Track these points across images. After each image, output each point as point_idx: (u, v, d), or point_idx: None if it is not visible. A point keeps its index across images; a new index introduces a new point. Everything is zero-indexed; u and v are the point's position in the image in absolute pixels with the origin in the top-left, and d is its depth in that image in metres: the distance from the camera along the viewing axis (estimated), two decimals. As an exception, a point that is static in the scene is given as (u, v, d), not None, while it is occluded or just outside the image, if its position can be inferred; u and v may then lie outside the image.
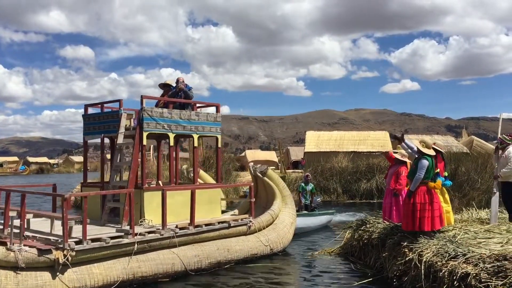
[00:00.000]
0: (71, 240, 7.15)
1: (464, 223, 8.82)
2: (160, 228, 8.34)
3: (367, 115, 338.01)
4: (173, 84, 10.69)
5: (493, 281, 5.92)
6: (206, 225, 9.08)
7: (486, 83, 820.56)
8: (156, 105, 10.11)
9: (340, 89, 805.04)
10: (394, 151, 10.05)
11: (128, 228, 7.89)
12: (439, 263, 6.64)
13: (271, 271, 8.97)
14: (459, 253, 6.64)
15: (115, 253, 7.62)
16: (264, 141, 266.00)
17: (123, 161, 9.52)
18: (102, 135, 9.89)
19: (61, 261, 6.89)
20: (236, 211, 11.05)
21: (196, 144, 9.93)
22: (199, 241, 8.91)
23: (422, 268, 6.79)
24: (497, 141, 9.09)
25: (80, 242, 7.21)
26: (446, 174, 9.13)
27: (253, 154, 46.84)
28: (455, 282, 6.20)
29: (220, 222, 9.37)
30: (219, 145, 10.55)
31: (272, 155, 47.79)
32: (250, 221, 9.81)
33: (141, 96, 9.05)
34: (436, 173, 7.96)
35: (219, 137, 10.41)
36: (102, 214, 9.01)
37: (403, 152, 9.60)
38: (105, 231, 7.98)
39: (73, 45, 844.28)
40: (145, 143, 9.01)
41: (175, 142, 11.74)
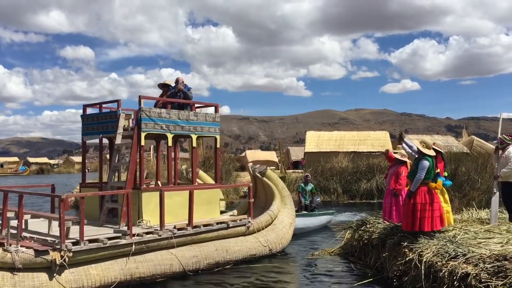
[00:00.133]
0: (68, 241, 7.14)
1: (464, 223, 8.82)
2: (158, 229, 8.31)
3: (367, 115, 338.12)
4: (172, 84, 10.65)
5: (493, 281, 5.90)
6: (205, 226, 9.05)
7: (486, 83, 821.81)
8: (155, 106, 10.08)
9: (340, 89, 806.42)
10: (394, 151, 10.03)
11: (126, 229, 7.86)
12: (439, 263, 6.63)
13: (271, 272, 8.94)
14: (459, 253, 6.63)
15: (113, 254, 7.59)
16: (264, 141, 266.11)
17: (121, 162, 9.48)
18: (101, 136, 9.87)
19: (58, 262, 6.86)
20: (235, 212, 11.01)
21: (195, 145, 9.89)
22: (198, 242, 8.88)
23: (422, 268, 6.78)
24: (497, 141, 9.08)
25: (77, 243, 7.19)
26: (446, 174, 9.14)
27: (253, 154, 46.84)
28: (455, 282, 6.18)
29: (219, 223, 9.34)
30: (218, 146, 10.52)
31: (272, 155, 47.79)
32: (249, 222, 9.78)
33: (139, 97, 9.02)
34: (437, 173, 7.94)
35: (218, 137, 10.38)
36: (100, 215, 8.98)
37: (403, 152, 9.59)
38: (103, 232, 7.95)
39: (73, 46, 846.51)
40: (143, 144, 8.97)
41: (174, 143, 11.74)
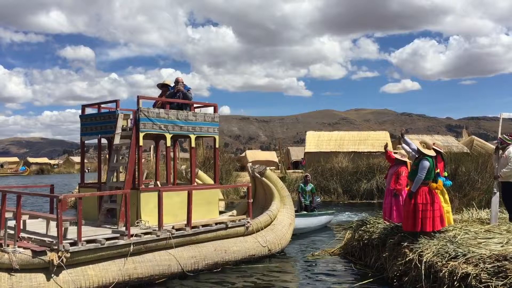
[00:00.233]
0: (66, 242, 7.09)
1: (465, 223, 8.81)
2: (157, 229, 8.28)
3: (368, 115, 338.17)
4: (172, 84, 10.60)
5: (493, 282, 5.87)
6: (203, 226, 9.01)
7: (487, 83, 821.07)
8: (154, 106, 10.04)
9: (341, 89, 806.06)
10: (394, 151, 10.01)
11: (124, 229, 7.83)
12: (440, 264, 6.61)
13: (271, 272, 8.91)
14: (460, 254, 6.62)
15: (111, 255, 7.56)
16: (265, 141, 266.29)
17: (120, 162, 9.45)
18: (99, 136, 9.83)
19: (56, 263, 6.82)
20: (235, 212, 10.96)
21: (194, 145, 9.84)
22: (196, 242, 8.84)
23: (423, 269, 6.77)
24: (498, 141, 9.06)
25: (75, 244, 7.15)
26: (446, 174, 9.13)
27: (254, 154, 46.81)
28: (456, 283, 6.17)
29: (218, 223, 9.30)
30: (217, 146, 10.47)
31: (273, 155, 47.78)
32: (248, 222, 9.74)
33: (137, 97, 8.97)
34: (437, 174, 7.91)
35: (217, 138, 10.33)
36: (99, 215, 8.94)
37: (403, 152, 9.57)
38: (101, 232, 7.92)
39: (73, 46, 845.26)
40: (142, 144, 8.92)
41: (173, 143, 11.71)
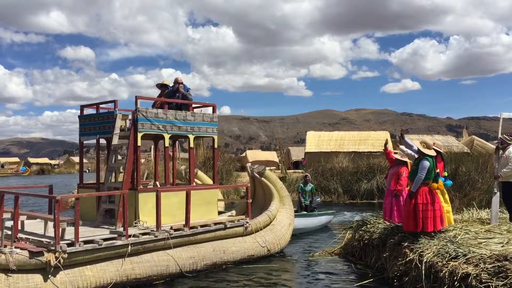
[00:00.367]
0: (63, 242, 7.06)
1: (465, 223, 8.79)
2: (155, 230, 8.24)
3: (368, 115, 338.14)
4: (171, 84, 10.54)
5: (494, 282, 5.84)
6: (202, 226, 8.98)
7: (487, 83, 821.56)
8: (153, 106, 10.00)
9: (341, 89, 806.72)
10: (394, 151, 9.97)
11: (122, 230, 7.79)
12: (440, 264, 6.59)
13: (271, 272, 8.88)
14: (460, 254, 6.60)
15: (108, 255, 7.52)
16: (265, 142, 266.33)
17: (119, 162, 9.40)
18: (98, 136, 9.79)
19: (53, 263, 6.79)
20: (234, 212, 10.92)
21: (192, 145, 9.80)
22: (195, 243, 8.81)
23: (423, 269, 6.75)
24: (498, 141, 9.03)
25: (73, 244, 7.12)
26: (446, 174, 9.11)
27: (254, 155, 46.81)
28: (456, 283, 6.14)
29: (216, 223, 9.26)
30: (216, 146, 10.43)
31: (273, 156, 47.78)
32: (247, 222, 9.70)
33: (136, 97, 8.93)
34: (437, 174, 7.88)
35: (216, 138, 10.28)
36: (97, 216, 8.90)
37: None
38: (99, 233, 7.89)
39: (74, 46, 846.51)
40: (140, 144, 8.87)
41: (172, 143, 11.66)
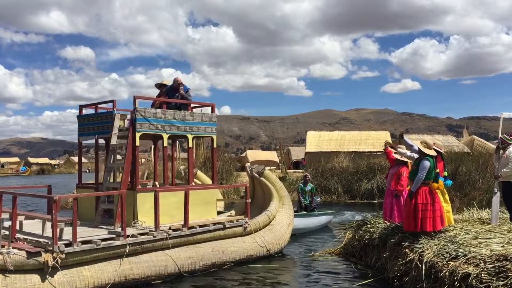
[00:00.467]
0: (61, 243, 7.03)
1: (465, 223, 8.77)
2: (153, 230, 8.20)
3: (368, 115, 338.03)
4: (170, 84, 10.51)
5: (494, 282, 5.83)
6: (200, 227, 8.95)
7: (487, 83, 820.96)
8: (152, 106, 9.97)
9: (341, 89, 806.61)
10: (395, 152, 9.92)
11: (120, 230, 7.76)
12: (440, 264, 6.58)
13: (270, 272, 8.85)
14: (460, 254, 6.59)
15: (106, 255, 7.50)
16: (265, 141, 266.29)
17: (117, 162, 9.37)
18: (96, 136, 9.77)
19: (51, 264, 6.77)
20: (233, 212, 10.88)
21: (191, 145, 9.77)
22: (193, 243, 8.77)
23: (423, 269, 6.74)
24: (498, 141, 9.02)
25: (70, 244, 7.09)
26: (446, 174, 9.07)
27: (254, 154, 46.82)
28: (456, 283, 6.13)
29: (215, 223, 9.23)
30: (215, 146, 10.40)
31: (273, 155, 47.80)
32: (246, 222, 9.66)
33: (134, 97, 8.91)
34: (437, 174, 7.85)
35: (215, 137, 10.25)
36: (96, 216, 8.87)
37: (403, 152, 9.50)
38: (97, 233, 7.86)
39: (74, 46, 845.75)
40: (138, 144, 8.83)
41: (172, 143, 11.63)
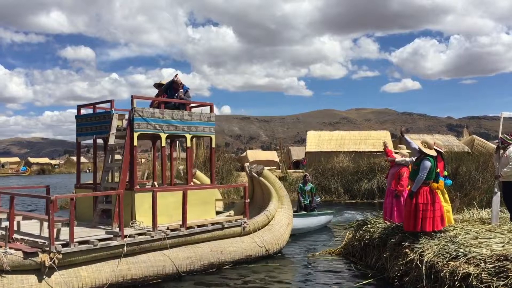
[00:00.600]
0: (58, 243, 6.99)
1: (466, 223, 8.77)
2: (151, 230, 8.17)
3: (368, 115, 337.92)
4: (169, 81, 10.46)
5: (494, 282, 5.81)
6: (199, 227, 8.91)
7: (487, 82, 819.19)
8: (151, 105, 9.93)
9: (341, 89, 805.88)
10: (395, 151, 9.90)
11: (118, 230, 7.72)
12: (440, 264, 6.57)
13: (270, 272, 8.82)
14: (460, 254, 6.58)
15: (104, 256, 7.47)
16: (265, 141, 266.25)
17: (115, 162, 9.32)
18: (95, 136, 9.75)
19: (47, 264, 6.74)
20: (232, 212, 10.83)
21: (189, 144, 9.72)
22: (192, 243, 8.74)
23: (423, 269, 6.73)
24: (498, 141, 9.00)
25: (67, 245, 7.05)
26: (446, 174, 9.05)
27: (254, 154, 46.85)
28: (456, 283, 6.12)
29: (214, 223, 9.19)
30: (213, 145, 10.35)
31: (273, 155, 47.82)
32: (245, 222, 9.62)
33: (132, 96, 8.88)
34: (438, 173, 7.82)
35: (213, 137, 10.20)
36: (94, 216, 8.83)
37: (404, 152, 9.50)
38: (95, 233, 7.83)
39: (74, 46, 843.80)
40: (136, 144, 8.79)
41: (170, 143, 11.59)
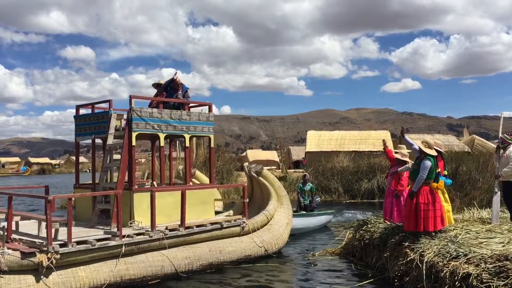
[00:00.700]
0: (56, 243, 6.97)
1: (466, 223, 8.75)
2: (149, 230, 8.13)
3: (368, 115, 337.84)
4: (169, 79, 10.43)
5: (495, 282, 5.79)
6: (197, 227, 8.88)
7: (487, 82, 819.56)
8: (150, 105, 9.90)
9: (341, 89, 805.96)
10: (395, 151, 9.87)
11: (116, 230, 7.68)
12: (441, 264, 6.54)
13: (269, 272, 8.79)
14: (461, 253, 6.56)
15: (102, 256, 7.44)
16: (265, 141, 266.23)
17: (113, 162, 9.30)
18: (93, 136, 9.71)
19: (45, 264, 6.71)
20: (231, 212, 10.79)
21: (188, 144, 9.68)
22: (190, 243, 8.70)
23: (424, 269, 6.72)
24: (499, 140, 8.98)
25: (65, 245, 7.03)
26: (446, 173, 9.02)
27: (254, 154, 46.91)
28: (457, 283, 6.10)
29: (212, 223, 9.16)
30: (212, 145, 10.30)
31: (273, 155, 47.86)
32: (244, 222, 9.58)
33: (130, 96, 8.85)
34: (438, 173, 7.80)
35: (212, 137, 10.16)
36: (92, 216, 8.80)
37: (404, 152, 9.48)
38: (93, 233, 7.80)
39: (74, 46, 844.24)
40: (134, 144, 8.75)
41: (169, 143, 11.56)
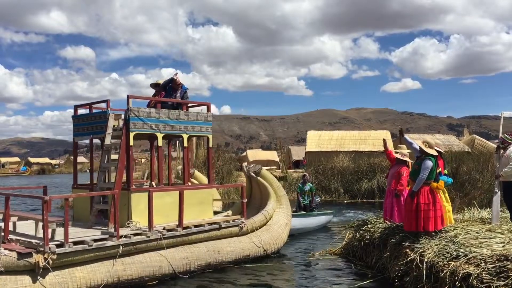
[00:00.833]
0: (53, 243, 6.93)
1: (466, 223, 8.74)
2: (147, 230, 8.09)
3: (368, 114, 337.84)
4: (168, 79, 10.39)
5: (495, 282, 5.77)
6: (196, 227, 8.84)
7: (487, 82, 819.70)
8: (148, 105, 9.84)
9: (341, 89, 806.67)
10: (395, 151, 9.83)
11: (113, 231, 7.64)
12: (441, 264, 6.52)
13: (268, 272, 8.76)
14: (461, 254, 6.54)
15: (99, 256, 7.40)
16: (265, 141, 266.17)
17: (111, 162, 9.25)
18: (91, 136, 9.67)
19: (42, 265, 6.67)
20: (230, 212, 10.75)
21: (186, 144, 9.63)
22: (188, 243, 8.67)
23: (424, 269, 6.70)
24: (499, 140, 8.96)
25: (62, 245, 6.99)
26: (446, 173, 8.97)
27: (254, 154, 46.92)
28: (457, 283, 6.08)
29: (211, 223, 9.12)
30: (210, 145, 10.25)
31: (273, 155, 47.88)
32: (242, 222, 9.54)
33: (127, 96, 8.81)
34: (438, 173, 7.78)
35: (210, 137, 10.11)
36: (90, 216, 8.76)
37: (404, 152, 9.44)
38: (90, 234, 7.76)
39: (74, 46, 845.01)
40: (132, 144, 8.70)
41: (168, 143, 11.52)
